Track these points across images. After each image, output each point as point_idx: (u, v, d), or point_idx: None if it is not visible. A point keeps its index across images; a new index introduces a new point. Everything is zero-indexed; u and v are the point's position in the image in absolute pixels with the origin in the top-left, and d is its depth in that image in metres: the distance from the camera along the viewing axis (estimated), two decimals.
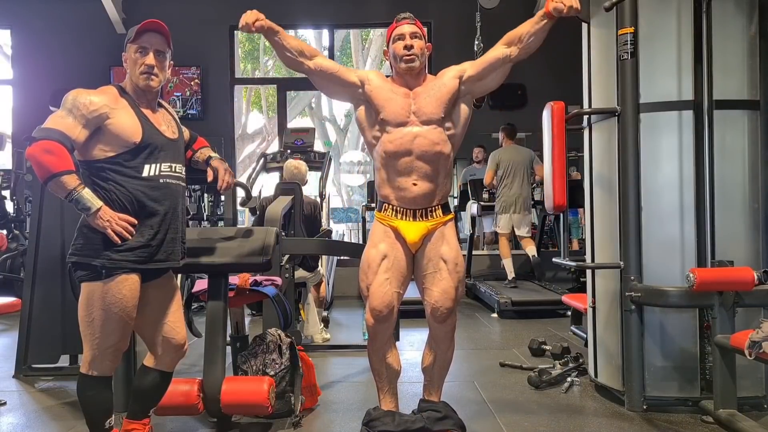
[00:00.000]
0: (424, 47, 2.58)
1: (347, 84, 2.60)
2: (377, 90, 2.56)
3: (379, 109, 2.54)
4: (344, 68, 2.67)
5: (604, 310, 3.30)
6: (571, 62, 4.51)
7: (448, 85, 2.57)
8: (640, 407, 3.01)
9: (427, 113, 2.51)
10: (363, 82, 2.59)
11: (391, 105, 2.53)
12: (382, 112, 2.53)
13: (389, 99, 2.54)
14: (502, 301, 5.68)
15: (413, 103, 2.53)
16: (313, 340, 4.65)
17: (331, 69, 2.61)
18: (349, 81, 2.60)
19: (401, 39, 2.55)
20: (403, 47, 2.53)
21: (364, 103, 2.60)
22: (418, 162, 2.49)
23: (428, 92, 2.55)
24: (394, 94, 2.55)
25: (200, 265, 2.76)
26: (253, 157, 15.24)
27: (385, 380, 2.65)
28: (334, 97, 2.71)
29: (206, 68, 8.63)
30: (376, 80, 2.60)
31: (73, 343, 3.55)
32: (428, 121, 2.51)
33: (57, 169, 2.05)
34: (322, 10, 8.69)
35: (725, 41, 3.01)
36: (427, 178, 2.51)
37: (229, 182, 2.51)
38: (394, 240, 2.55)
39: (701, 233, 3.01)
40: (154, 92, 2.29)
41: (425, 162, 2.50)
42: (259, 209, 4.86)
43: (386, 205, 2.58)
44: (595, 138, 3.34)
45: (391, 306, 2.52)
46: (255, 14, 2.53)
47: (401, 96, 2.55)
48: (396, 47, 2.56)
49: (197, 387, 2.67)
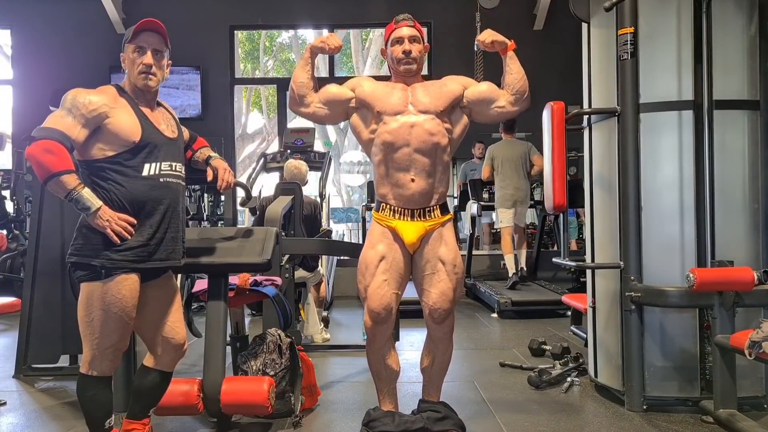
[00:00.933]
0: (422, 50, 2.60)
1: (345, 99, 2.61)
2: (370, 91, 2.59)
3: (375, 105, 2.56)
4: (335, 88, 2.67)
5: (604, 310, 3.30)
6: (571, 62, 4.52)
7: (450, 87, 2.60)
8: (640, 407, 3.00)
9: (424, 103, 2.53)
10: (353, 88, 2.62)
11: (388, 97, 2.55)
12: (378, 105, 2.55)
13: (386, 93, 2.57)
14: (502, 301, 5.68)
15: (411, 95, 2.56)
16: (313, 340, 4.65)
17: (331, 95, 2.63)
18: (346, 95, 2.62)
19: (399, 43, 2.56)
20: (401, 52, 2.55)
21: (356, 110, 2.63)
22: (416, 155, 2.50)
23: (427, 87, 2.59)
24: (390, 89, 2.59)
25: (200, 265, 2.76)
26: (253, 157, 15.25)
27: (384, 381, 2.65)
28: (335, 121, 2.73)
29: (206, 68, 8.64)
30: (367, 84, 2.64)
31: (73, 343, 3.55)
32: (425, 110, 2.52)
33: (57, 168, 2.05)
34: (322, 10, 8.69)
35: (725, 41, 3.01)
36: (425, 173, 2.51)
37: (229, 182, 2.51)
38: (392, 241, 2.55)
39: (701, 233, 3.00)
40: (153, 91, 2.29)
41: (423, 155, 2.50)
42: (259, 209, 4.86)
43: (384, 205, 2.58)
44: (595, 138, 3.34)
45: (390, 307, 2.51)
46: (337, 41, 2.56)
47: (398, 90, 2.58)
48: (394, 50, 2.58)
49: (197, 387, 2.67)
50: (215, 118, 8.62)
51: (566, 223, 4.99)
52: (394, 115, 2.52)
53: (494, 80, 2.71)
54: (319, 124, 2.71)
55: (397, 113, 2.53)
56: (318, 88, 2.62)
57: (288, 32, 16.43)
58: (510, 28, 2.68)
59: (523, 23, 8.35)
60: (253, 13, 8.79)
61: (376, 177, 2.62)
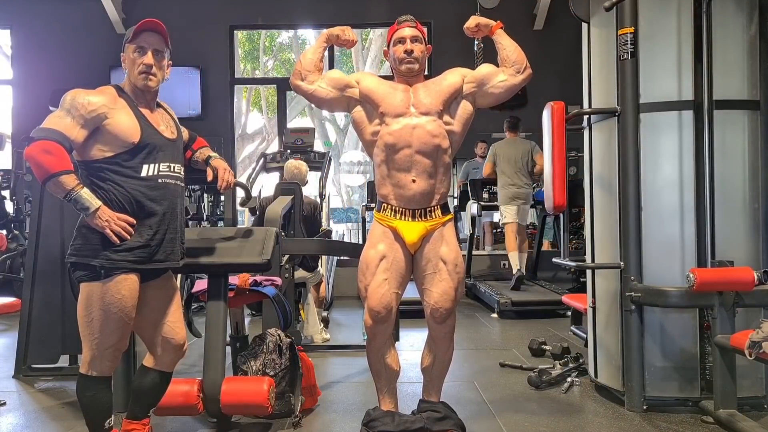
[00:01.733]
0: (424, 50, 2.61)
1: (347, 84, 2.62)
2: (374, 86, 2.60)
3: (379, 102, 2.56)
4: (339, 72, 2.71)
5: (604, 310, 3.30)
6: (571, 62, 4.52)
7: (449, 80, 2.61)
8: (640, 407, 3.00)
9: (425, 104, 2.54)
10: (358, 80, 2.64)
11: (390, 98, 2.56)
12: (381, 105, 2.56)
13: (388, 93, 2.58)
14: (502, 302, 5.68)
15: (413, 96, 2.57)
16: (312, 341, 4.65)
17: (335, 77, 2.65)
18: (349, 80, 2.63)
19: (402, 42, 2.58)
20: (403, 51, 2.57)
21: (360, 103, 2.62)
22: (417, 156, 2.50)
23: (428, 87, 2.59)
24: (392, 89, 2.60)
25: (200, 265, 2.76)
26: (253, 157, 15.25)
27: (384, 380, 2.65)
28: (333, 108, 2.74)
29: (206, 68, 8.64)
30: (370, 78, 2.67)
31: (72, 343, 3.55)
32: (427, 112, 2.53)
33: (56, 169, 2.05)
34: (322, 10, 8.69)
35: (725, 41, 3.01)
36: (426, 174, 2.51)
37: (229, 182, 2.51)
38: (393, 240, 2.55)
39: (701, 233, 3.00)
40: (153, 92, 2.29)
41: (424, 156, 2.50)
42: (259, 209, 4.86)
43: (385, 205, 2.58)
44: (595, 138, 3.34)
45: (390, 307, 2.52)
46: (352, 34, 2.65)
47: (401, 90, 2.59)
48: (396, 50, 2.59)
49: (197, 387, 2.66)
50: (215, 118, 8.62)
51: (566, 223, 4.99)
52: (396, 117, 2.53)
53: None
54: (317, 106, 2.72)
55: (399, 115, 2.53)
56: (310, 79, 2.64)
57: (288, 32, 16.44)
58: (510, 28, 2.68)
59: (523, 23, 8.35)
60: (253, 13, 8.80)
61: (377, 177, 2.62)
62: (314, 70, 2.62)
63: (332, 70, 2.72)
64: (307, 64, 2.62)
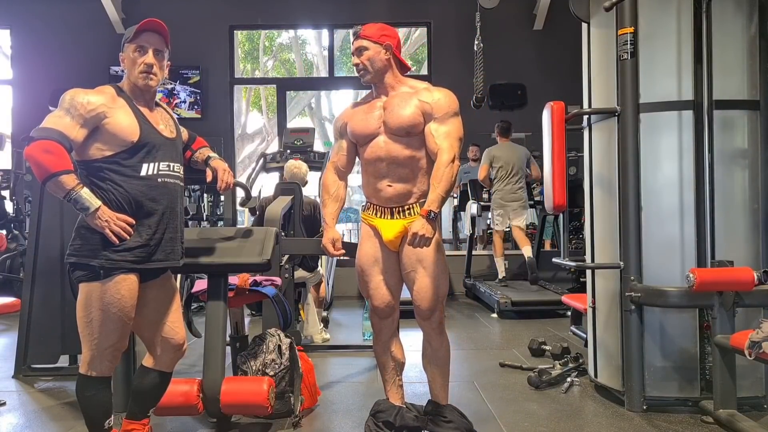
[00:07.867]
0: (373, 54, 2.53)
1: (350, 145, 2.66)
2: (353, 123, 2.62)
3: (357, 135, 2.61)
4: (339, 146, 2.71)
5: (604, 310, 3.30)
6: (571, 62, 4.52)
7: (411, 112, 2.50)
8: (640, 407, 3.00)
9: (393, 127, 2.52)
10: (341, 133, 2.68)
11: (363, 125, 2.58)
12: (354, 135, 2.61)
13: (360, 120, 2.60)
14: (502, 301, 5.67)
15: (385, 112, 2.55)
16: (312, 341, 4.65)
17: (344, 155, 2.68)
18: (348, 142, 2.66)
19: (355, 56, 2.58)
20: (354, 65, 2.58)
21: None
22: (392, 166, 2.54)
23: (401, 102, 2.53)
24: (366, 113, 2.59)
25: (200, 265, 2.76)
26: (253, 157, 15.24)
27: (391, 372, 2.71)
28: (359, 151, 2.75)
29: (206, 68, 8.64)
30: (348, 114, 2.66)
31: (72, 343, 3.55)
32: (397, 130, 2.52)
33: (55, 168, 2.05)
34: (322, 10, 8.69)
35: (725, 41, 3.01)
36: (402, 180, 2.55)
37: (229, 182, 2.51)
38: (380, 239, 2.62)
39: (701, 233, 3.00)
40: (152, 91, 2.29)
41: (399, 166, 2.54)
42: (259, 209, 4.86)
43: (369, 204, 2.66)
44: (595, 138, 3.34)
45: (392, 303, 2.64)
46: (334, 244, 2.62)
47: (376, 109, 2.57)
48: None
49: (197, 387, 2.67)
50: (215, 118, 8.62)
51: (566, 223, 4.99)
52: (370, 141, 2.57)
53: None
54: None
55: (372, 138, 2.56)
56: (342, 172, 2.69)
57: (288, 32, 16.43)
58: (510, 28, 2.69)
59: (523, 23, 8.33)
60: (252, 13, 8.80)
61: (362, 180, 2.69)
62: (342, 184, 2.69)
63: (337, 152, 2.70)
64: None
